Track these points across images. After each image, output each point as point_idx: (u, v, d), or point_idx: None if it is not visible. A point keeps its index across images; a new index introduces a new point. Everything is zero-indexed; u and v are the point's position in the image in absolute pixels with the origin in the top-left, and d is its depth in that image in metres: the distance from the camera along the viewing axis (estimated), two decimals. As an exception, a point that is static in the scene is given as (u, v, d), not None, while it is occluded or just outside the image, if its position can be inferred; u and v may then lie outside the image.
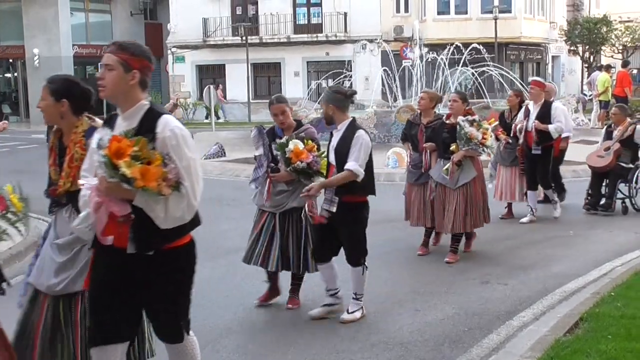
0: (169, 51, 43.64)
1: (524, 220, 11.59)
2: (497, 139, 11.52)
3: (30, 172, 20.18)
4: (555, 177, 12.69)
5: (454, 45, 25.88)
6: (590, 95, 30.78)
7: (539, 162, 11.45)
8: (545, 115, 11.32)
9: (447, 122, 9.35)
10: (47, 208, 5.09)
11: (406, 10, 40.64)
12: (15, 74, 44.81)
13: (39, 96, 5.08)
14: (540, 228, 11.20)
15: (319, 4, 41.31)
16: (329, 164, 7.09)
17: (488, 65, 25.44)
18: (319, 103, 20.00)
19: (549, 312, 7.16)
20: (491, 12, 37.54)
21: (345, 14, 40.35)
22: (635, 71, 34.00)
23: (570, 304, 7.24)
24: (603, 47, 45.04)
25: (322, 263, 7.08)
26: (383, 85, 26.64)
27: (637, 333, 6.04)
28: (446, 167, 9.12)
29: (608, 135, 12.73)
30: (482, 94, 25.00)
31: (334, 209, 6.84)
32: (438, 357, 6.11)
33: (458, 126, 9.09)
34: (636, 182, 12.42)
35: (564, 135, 11.96)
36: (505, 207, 12.15)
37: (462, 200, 9.15)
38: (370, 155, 6.93)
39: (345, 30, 40.44)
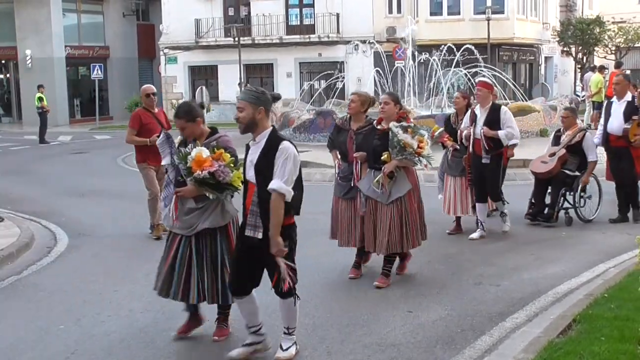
0: (161, 52, 43.56)
1: (474, 236, 10.56)
2: (444, 146, 10.96)
3: (22, 172, 20.20)
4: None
5: (446, 47, 25.88)
6: (583, 96, 30.83)
7: (489, 171, 10.41)
8: (494, 120, 10.29)
9: (379, 127, 8.27)
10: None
11: (399, 11, 40.55)
12: (8, 75, 44.69)
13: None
14: (532, 230, 11.17)
15: (312, 5, 41.24)
16: (246, 182, 5.98)
17: (480, 66, 25.44)
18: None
19: (541, 313, 7.15)
20: (484, 12, 37.51)
21: (338, 14, 40.29)
22: (628, 72, 34.02)
23: (563, 306, 7.23)
24: (596, 48, 45.17)
25: (240, 297, 6.12)
26: (376, 86, 26.62)
27: (630, 334, 6.03)
28: (377, 179, 8.07)
29: (556, 140, 11.85)
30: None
31: (260, 235, 5.82)
32: (431, 359, 6.09)
33: (390, 133, 8.04)
34: (583, 191, 11.55)
35: (511, 142, 10.56)
36: (454, 221, 11.09)
37: (396, 216, 8.08)
38: (300, 169, 5.88)
39: (338, 31, 40.41)
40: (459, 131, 10.64)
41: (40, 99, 30.17)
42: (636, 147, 11.45)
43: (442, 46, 26.15)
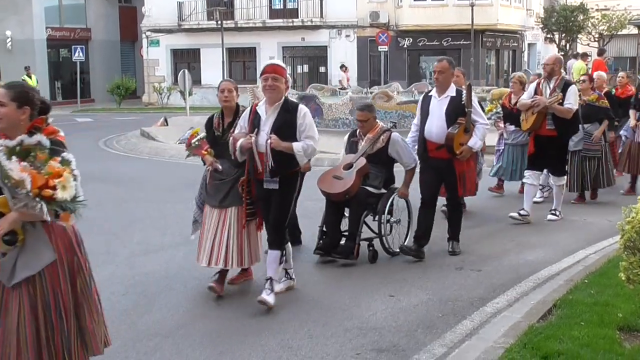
0: (143, 35, 43.35)
1: (277, 288, 7.23)
2: (204, 161, 7.63)
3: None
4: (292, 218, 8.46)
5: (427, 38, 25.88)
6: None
7: (275, 201, 6.97)
8: (286, 125, 6.85)
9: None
10: None
11: (382, -5, 40.56)
12: (-13, 56, 44.33)
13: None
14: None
15: (295, -11, 41.17)
16: None
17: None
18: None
19: (522, 298, 7.18)
20: (468, -2, 37.57)
21: (321, -1, 40.23)
22: (611, 60, 34.19)
23: (544, 291, 7.27)
24: (579, 35, 45.35)
25: None
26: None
27: (609, 320, 6.08)
28: None
29: (351, 147, 8.95)
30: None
31: None
32: (412, 343, 6.10)
33: None
34: (390, 214, 8.79)
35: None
36: (216, 274, 7.48)
37: (27, 310, 4.40)
38: None
39: (321, 16, 40.34)
40: (231, 139, 7.04)
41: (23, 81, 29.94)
42: (461, 160, 8.70)
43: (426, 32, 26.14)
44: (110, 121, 31.77)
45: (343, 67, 36.29)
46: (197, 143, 7.65)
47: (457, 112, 8.59)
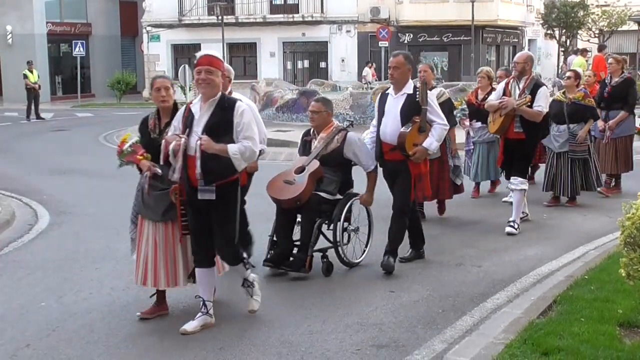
0: (144, 30, 43.26)
1: (253, 307, 6.70)
2: (140, 169, 6.71)
3: (1, 150, 20.04)
4: (242, 230, 7.04)
5: (428, 34, 25.85)
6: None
7: (216, 217, 6.23)
8: (222, 124, 6.14)
9: None
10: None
11: (383, -9, 40.50)
12: (-12, 51, 44.26)
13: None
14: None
15: (296, -16, 41.11)
16: None
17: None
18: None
19: (522, 294, 7.18)
20: (468, -6, 37.50)
21: (322, -6, 40.18)
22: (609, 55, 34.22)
23: (544, 287, 7.28)
24: (579, 31, 45.29)
25: None
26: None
27: (609, 316, 6.09)
28: None
29: (305, 146, 8.25)
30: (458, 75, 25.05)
31: None
32: (412, 339, 6.11)
33: None
34: (347, 222, 8.14)
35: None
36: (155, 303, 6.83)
37: None
38: None
39: (322, 11, 40.27)
40: (163, 142, 6.26)
41: (25, 76, 30.07)
42: (415, 162, 7.93)
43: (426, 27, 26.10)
44: (111, 116, 31.73)
45: (369, 63, 36.20)
46: (130, 149, 6.72)
47: (413, 110, 7.88)
